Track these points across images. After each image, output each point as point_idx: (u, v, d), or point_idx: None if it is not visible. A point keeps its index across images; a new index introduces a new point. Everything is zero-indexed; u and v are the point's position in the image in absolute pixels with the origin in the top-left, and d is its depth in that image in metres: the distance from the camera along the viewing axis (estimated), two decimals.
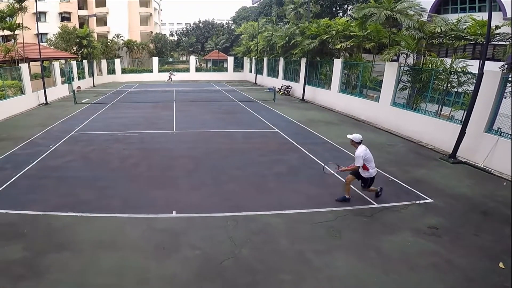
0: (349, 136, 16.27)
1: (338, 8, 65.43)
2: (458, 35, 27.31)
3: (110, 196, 16.73)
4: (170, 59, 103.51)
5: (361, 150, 15.53)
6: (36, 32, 49.70)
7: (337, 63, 41.49)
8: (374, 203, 16.03)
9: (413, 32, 29.38)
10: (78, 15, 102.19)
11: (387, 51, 31.11)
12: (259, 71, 77.65)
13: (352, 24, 40.52)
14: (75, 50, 77.12)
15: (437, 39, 28.76)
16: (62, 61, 65.78)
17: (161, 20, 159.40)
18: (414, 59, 32.11)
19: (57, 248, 12.36)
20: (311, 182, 18.11)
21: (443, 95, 27.65)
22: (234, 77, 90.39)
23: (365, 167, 15.32)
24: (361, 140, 15.94)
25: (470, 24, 26.75)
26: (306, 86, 49.06)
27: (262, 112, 39.51)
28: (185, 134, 29.16)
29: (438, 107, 27.69)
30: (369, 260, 11.84)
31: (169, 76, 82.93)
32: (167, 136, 28.46)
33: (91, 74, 75.64)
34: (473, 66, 24.94)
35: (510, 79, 20.90)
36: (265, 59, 73.33)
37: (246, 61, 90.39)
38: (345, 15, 62.44)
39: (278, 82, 61.52)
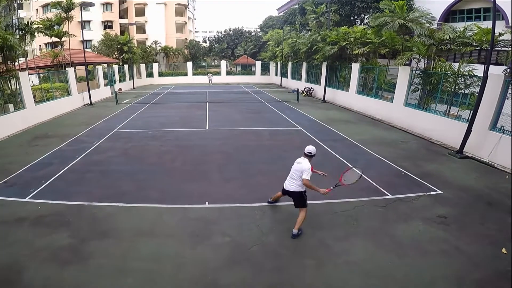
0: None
1: (356, 17, 64.96)
2: (465, 41, 27.13)
3: (149, 188, 16.85)
4: (203, 64, 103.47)
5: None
6: (81, 39, 50.74)
7: (355, 67, 41.34)
8: (388, 194, 16.06)
9: (424, 39, 29.24)
10: (119, 24, 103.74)
11: (400, 56, 30.94)
12: (284, 74, 77.55)
13: (368, 32, 40.20)
14: (116, 55, 77.61)
15: (445, 45, 28.61)
16: (105, 65, 66.21)
17: (195, 28, 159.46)
18: (425, 64, 31.81)
19: (100, 235, 12.50)
20: (332, 175, 17.80)
21: (451, 96, 27.42)
22: (261, 80, 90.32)
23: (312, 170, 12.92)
24: (307, 152, 13.16)
25: (476, 31, 26.48)
26: (327, 88, 48.90)
27: (286, 111, 39.42)
28: (216, 132, 29.18)
29: (447, 107, 27.47)
30: (384, 246, 11.87)
31: (209, 79, 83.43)
32: (200, 134, 28.47)
33: (131, 77, 76.18)
34: (479, 70, 24.86)
35: None
36: (290, 64, 73.01)
37: (272, 65, 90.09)
38: (362, 24, 61.90)
39: (301, 85, 61.31)
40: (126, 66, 74.71)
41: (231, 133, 28.73)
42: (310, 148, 13.06)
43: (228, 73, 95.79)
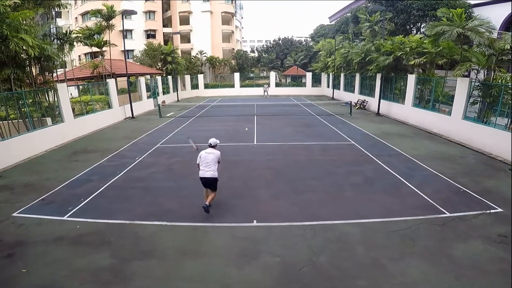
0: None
1: (411, 26, 64.41)
2: None
3: (193, 206, 16.94)
4: (251, 75, 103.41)
5: (202, 151, 17.13)
6: (123, 49, 51.50)
7: (411, 79, 41.00)
8: (446, 212, 15.81)
9: (483, 49, 28.86)
10: (163, 33, 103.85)
11: (459, 67, 30.50)
12: (336, 86, 77.08)
13: (425, 41, 39.65)
14: (160, 66, 77.83)
15: (506, 55, 28.12)
16: (148, 76, 66.82)
17: (242, 38, 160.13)
18: (484, 75, 31.38)
19: (142, 255, 12.64)
20: (386, 192, 17.96)
21: None
22: (312, 92, 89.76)
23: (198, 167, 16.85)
24: (210, 144, 17.21)
25: None
26: (381, 100, 48.53)
27: (338, 125, 39.23)
28: (265, 146, 29.28)
29: (508, 121, 26.98)
30: (441, 267, 11.73)
31: (264, 90, 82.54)
32: (248, 148, 28.65)
33: (175, 89, 76.52)
34: None
35: None
36: (342, 75, 72.63)
37: (323, 76, 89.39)
38: (418, 33, 61.33)
39: (354, 97, 60.94)
40: (170, 77, 75.15)
41: (280, 147, 28.79)
42: (213, 140, 17.29)
43: (277, 84, 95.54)
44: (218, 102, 69.86)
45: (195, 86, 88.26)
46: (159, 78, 68.36)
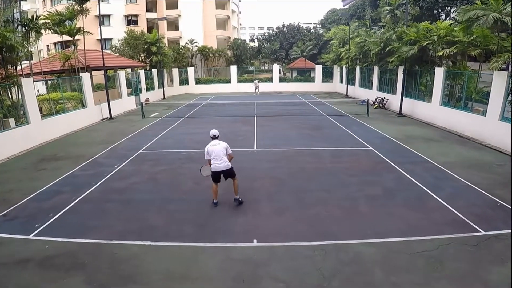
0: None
1: (440, 11, 64.46)
2: None
3: (182, 222, 16.95)
4: (250, 68, 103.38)
5: (207, 146, 18.55)
6: (99, 38, 50.63)
7: (439, 73, 40.95)
8: (480, 230, 15.64)
9: None
10: (147, 19, 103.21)
11: (495, 59, 30.37)
12: (350, 81, 77.17)
13: (455, 29, 39.67)
14: (143, 57, 78.14)
15: None
16: (129, 70, 67.30)
17: (240, 24, 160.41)
18: None
19: (122, 280, 12.58)
20: (409, 206, 17.97)
21: None
22: (323, 88, 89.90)
23: (209, 163, 18.46)
24: (213, 136, 18.69)
25: None
26: (404, 98, 48.43)
27: (353, 127, 39.38)
28: (266, 152, 29.32)
29: None
30: None
31: (256, 86, 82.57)
32: (247, 155, 28.67)
33: (161, 85, 76.69)
34: None
35: None
36: (358, 68, 72.67)
37: (336, 70, 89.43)
38: (447, 18, 61.30)
39: (372, 94, 61.10)
40: (154, 71, 75.50)
41: (285, 153, 28.85)
42: (215, 132, 18.78)
43: (281, 79, 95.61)
44: (212, 100, 70.37)
45: (184, 81, 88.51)
46: (142, 71, 68.49)
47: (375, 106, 56.07)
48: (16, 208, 18.95)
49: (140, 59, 77.48)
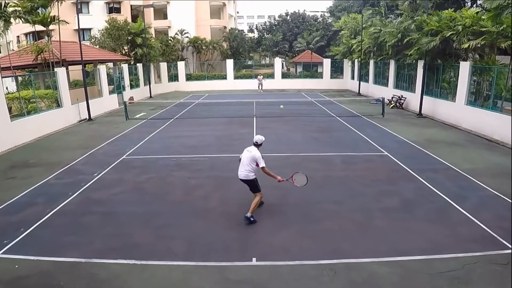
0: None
1: None
2: None
3: (172, 238, 16.86)
4: (249, 62, 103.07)
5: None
6: (77, 28, 50.89)
7: (464, 67, 40.79)
8: (510, 246, 15.51)
9: None
10: (131, 6, 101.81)
11: None
12: (363, 77, 77.23)
13: (483, 17, 39.33)
14: (126, 50, 77.92)
15: None
16: (110, 64, 67.13)
17: (238, 12, 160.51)
18: None
19: None
20: (430, 219, 17.97)
21: None
22: (332, 85, 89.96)
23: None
24: (255, 142, 19.03)
25: None
26: (424, 96, 48.30)
27: (367, 130, 39.46)
28: (268, 158, 28.33)
29: None
30: None
31: (259, 83, 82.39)
32: None
33: (147, 81, 76.50)
34: None
35: None
36: (371, 62, 72.71)
37: (346, 64, 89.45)
38: (474, 6, 61.16)
39: (388, 92, 60.97)
40: (140, 65, 75.49)
41: (288, 160, 28.79)
42: (258, 138, 19.09)
43: (284, 75, 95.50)
44: (205, 99, 70.39)
45: (173, 77, 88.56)
46: (125, 66, 68.55)
47: (391, 105, 56.21)
48: None
49: (124, 52, 77.26)
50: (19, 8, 45.49)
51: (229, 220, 18.63)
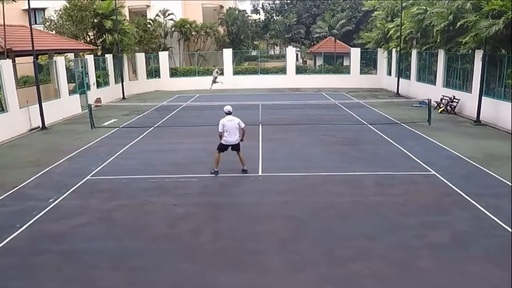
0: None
1: None
2: None
3: (150, 285, 16.63)
4: (253, 53, 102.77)
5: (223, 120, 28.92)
6: (26, 7, 50.56)
7: None
8: None
9: None
10: None
11: None
12: (403, 72, 76.78)
13: None
14: (92, 37, 77.37)
15: None
16: (71, 55, 67.17)
17: None
18: None
19: None
20: (492, 260, 17.81)
21: None
22: (362, 83, 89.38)
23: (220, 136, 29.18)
24: (228, 111, 28.94)
25: None
26: (484, 98, 47.60)
27: (408, 142, 39.22)
28: (277, 179, 29.21)
29: None
30: None
31: (214, 77, 78.17)
32: (248, 183, 28.64)
33: (120, 78, 75.91)
34: None
35: None
36: (414, 53, 72.36)
37: (381, 55, 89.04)
38: None
39: (436, 92, 60.63)
40: (109, 57, 74.90)
41: (305, 181, 28.71)
42: (230, 108, 28.56)
43: (299, 70, 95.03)
44: (195, 101, 70.83)
45: (154, 72, 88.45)
46: (90, 58, 67.98)
47: (440, 110, 55.99)
48: None
49: (88, 39, 76.50)
50: None
51: (227, 260, 18.43)
